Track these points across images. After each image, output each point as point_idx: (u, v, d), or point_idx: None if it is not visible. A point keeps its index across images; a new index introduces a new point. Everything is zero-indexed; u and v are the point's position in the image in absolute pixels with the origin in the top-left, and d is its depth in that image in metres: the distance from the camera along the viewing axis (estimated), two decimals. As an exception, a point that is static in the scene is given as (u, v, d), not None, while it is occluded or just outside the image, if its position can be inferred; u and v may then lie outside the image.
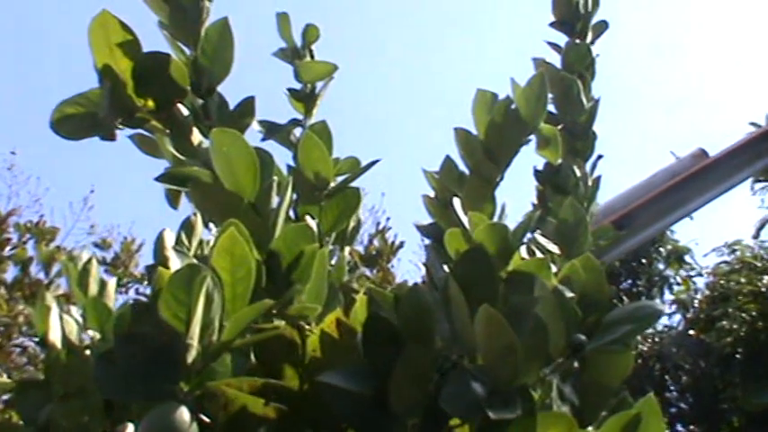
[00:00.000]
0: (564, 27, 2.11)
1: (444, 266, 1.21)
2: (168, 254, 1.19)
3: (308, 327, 1.07)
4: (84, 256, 1.33)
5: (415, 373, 0.94)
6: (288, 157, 1.53)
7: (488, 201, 1.53)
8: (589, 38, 2.12)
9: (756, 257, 9.36)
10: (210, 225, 1.32)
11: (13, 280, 5.83)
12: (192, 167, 1.18)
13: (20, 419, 1.17)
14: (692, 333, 9.84)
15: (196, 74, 1.29)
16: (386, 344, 0.97)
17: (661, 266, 10.66)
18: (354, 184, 1.44)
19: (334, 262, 1.47)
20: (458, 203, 1.47)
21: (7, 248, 6.03)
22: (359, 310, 1.05)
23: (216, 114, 1.31)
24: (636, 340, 8.84)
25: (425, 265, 1.13)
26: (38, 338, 1.20)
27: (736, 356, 8.86)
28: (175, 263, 1.06)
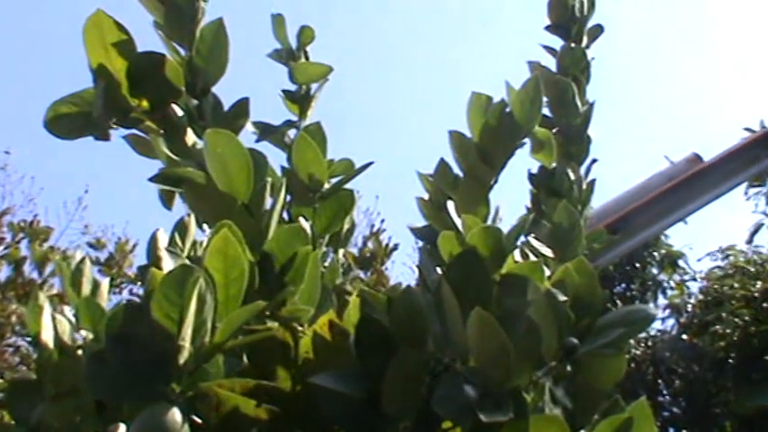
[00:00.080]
0: (559, 30, 2.12)
1: (437, 269, 1.20)
2: (161, 254, 1.19)
3: (300, 328, 1.07)
4: (78, 255, 1.33)
5: (408, 375, 0.94)
6: (282, 158, 1.53)
7: (482, 204, 1.52)
8: (584, 42, 2.12)
9: (750, 262, 9.36)
10: (204, 226, 1.32)
11: (6, 279, 5.83)
12: (186, 168, 1.18)
13: (12, 419, 1.17)
14: (685, 337, 9.84)
15: (191, 74, 1.29)
16: (378, 346, 0.97)
17: (655, 271, 10.65)
18: (349, 186, 1.44)
19: (327, 264, 1.47)
20: (452, 206, 1.47)
21: (1, 248, 6.02)
22: (351, 312, 1.05)
23: (210, 115, 1.31)
24: (629, 344, 8.84)
25: (418, 268, 1.13)
26: (30, 338, 1.19)
27: (729, 361, 8.85)
28: (168, 264, 1.06)
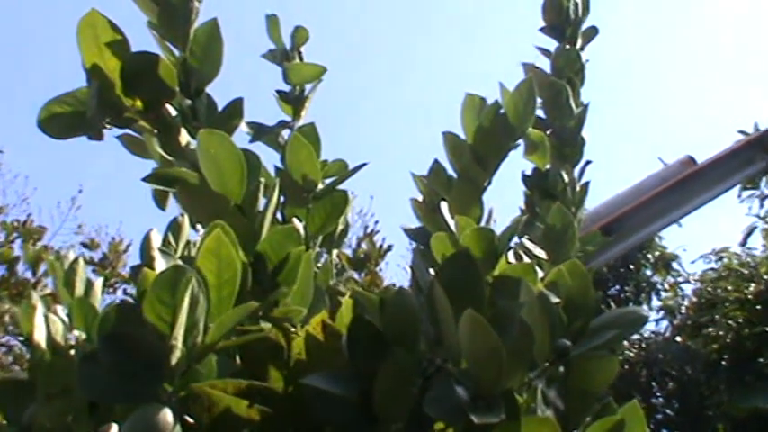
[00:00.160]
0: (554, 32, 2.12)
1: (430, 270, 1.20)
2: (154, 255, 1.19)
3: (293, 329, 1.07)
4: (71, 255, 1.33)
5: (400, 376, 0.94)
6: (276, 159, 1.53)
7: (476, 205, 1.52)
8: (579, 43, 2.12)
9: (743, 265, 9.38)
10: (198, 226, 1.32)
11: (-1, 279, 5.82)
12: (179, 168, 1.18)
13: (3, 419, 1.16)
14: (678, 339, 9.86)
15: (185, 74, 1.29)
16: (370, 347, 0.97)
17: (649, 273, 10.66)
18: (343, 187, 1.44)
19: (321, 265, 1.47)
20: (445, 207, 1.47)
21: (-6, 247, 6.01)
22: (344, 312, 1.05)
23: (204, 115, 1.31)
24: (622, 346, 8.86)
25: (411, 269, 1.13)
26: (23, 338, 1.19)
27: (723, 363, 8.87)
28: (161, 264, 1.05)
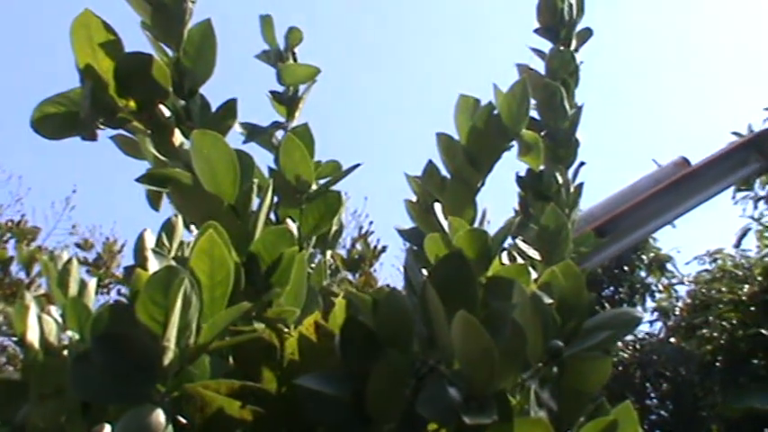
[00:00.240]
0: (548, 34, 2.12)
1: (424, 271, 1.21)
2: (147, 255, 1.19)
3: (286, 330, 1.07)
4: (65, 256, 1.32)
5: (392, 377, 0.94)
6: (270, 159, 1.53)
7: (469, 206, 1.53)
8: (573, 45, 2.13)
9: (737, 266, 9.39)
10: (192, 227, 1.32)
11: (-8, 279, 5.80)
12: (173, 169, 1.18)
13: (-4, 419, 1.16)
14: (672, 341, 9.87)
15: (178, 75, 1.29)
16: (363, 348, 0.97)
17: (643, 274, 10.66)
18: (338, 187, 1.44)
19: (314, 265, 1.47)
20: (439, 208, 1.47)
21: (-12, 248, 6.00)
22: (337, 313, 1.05)
23: (198, 116, 1.31)
24: (617, 347, 8.86)
25: (404, 270, 1.13)
26: (17, 338, 1.19)
27: (716, 364, 8.87)
28: (154, 265, 1.05)
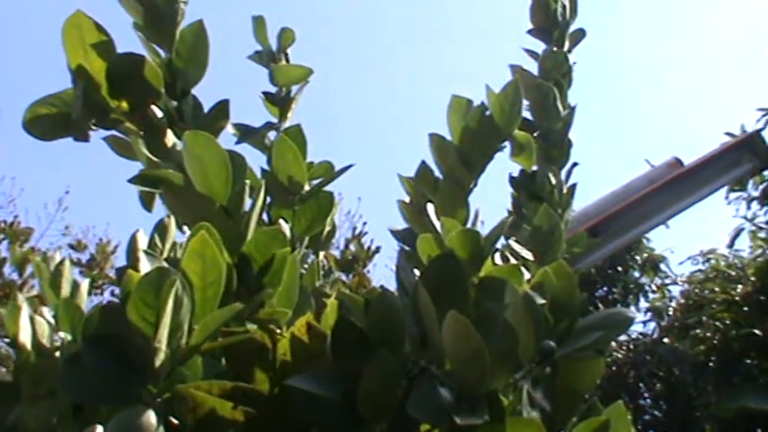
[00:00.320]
0: (541, 35, 2.12)
1: (416, 271, 1.21)
2: (139, 256, 1.19)
3: (278, 331, 1.07)
4: (57, 257, 1.32)
5: (384, 378, 0.94)
6: (262, 160, 1.53)
7: (462, 206, 1.53)
8: (566, 46, 2.13)
9: (730, 267, 9.40)
10: (185, 227, 1.31)
11: (-15, 280, 5.79)
12: (165, 170, 1.18)
13: (-13, 421, 1.16)
14: (666, 341, 9.88)
15: (170, 76, 1.29)
16: (354, 348, 0.97)
17: (637, 274, 10.67)
18: (331, 188, 1.44)
19: (307, 266, 1.47)
20: (431, 209, 1.47)
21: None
22: (329, 314, 1.05)
23: (190, 117, 1.31)
24: (610, 348, 8.87)
25: (396, 270, 1.13)
26: (9, 339, 1.19)
27: (710, 364, 8.89)
28: (145, 266, 1.05)
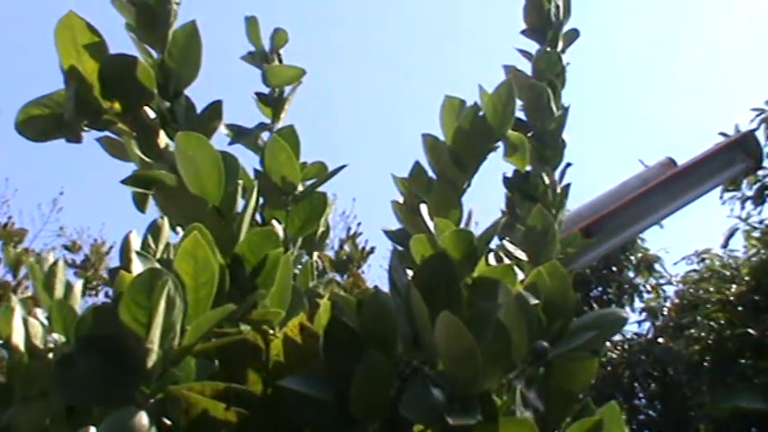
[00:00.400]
0: (535, 35, 2.12)
1: (409, 271, 1.21)
2: (131, 257, 1.18)
3: (271, 331, 1.07)
4: (51, 258, 1.32)
5: (376, 378, 0.94)
6: (255, 161, 1.53)
7: (455, 207, 1.53)
8: (560, 46, 2.13)
9: (725, 266, 9.44)
10: (178, 228, 1.31)
11: (-21, 282, 5.77)
12: (157, 171, 1.18)
13: (-20, 422, 1.16)
14: (660, 341, 9.91)
15: (163, 77, 1.29)
16: (347, 349, 0.97)
17: (631, 274, 10.71)
18: (325, 189, 1.44)
19: (301, 266, 1.47)
20: (425, 209, 1.47)
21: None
22: (322, 315, 1.05)
23: (183, 118, 1.31)
24: (605, 348, 8.89)
25: (389, 271, 1.13)
26: (1, 341, 1.19)
27: (704, 364, 8.92)
28: (137, 267, 1.05)
